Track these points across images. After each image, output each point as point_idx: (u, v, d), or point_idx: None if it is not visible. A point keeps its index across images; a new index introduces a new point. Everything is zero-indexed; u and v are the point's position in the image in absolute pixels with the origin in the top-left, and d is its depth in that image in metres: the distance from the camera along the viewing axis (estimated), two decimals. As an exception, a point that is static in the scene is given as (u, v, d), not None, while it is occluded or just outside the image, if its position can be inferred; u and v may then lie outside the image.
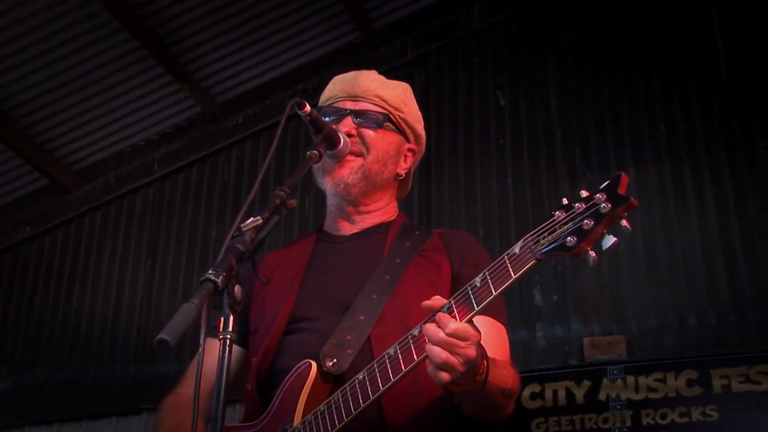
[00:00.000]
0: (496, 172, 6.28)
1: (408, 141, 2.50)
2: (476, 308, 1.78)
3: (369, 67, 2.60)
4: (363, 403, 1.88)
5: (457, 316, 1.78)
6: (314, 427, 1.95)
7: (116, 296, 7.09)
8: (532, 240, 1.76)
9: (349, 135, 2.32)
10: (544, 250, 1.74)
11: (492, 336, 2.11)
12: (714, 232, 5.55)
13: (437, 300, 1.83)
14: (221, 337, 1.64)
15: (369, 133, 2.37)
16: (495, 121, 6.42)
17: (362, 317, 2.13)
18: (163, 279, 6.96)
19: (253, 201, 1.83)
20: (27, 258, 7.59)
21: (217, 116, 7.22)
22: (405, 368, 1.83)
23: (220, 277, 1.63)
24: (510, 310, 2.14)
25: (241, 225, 1.81)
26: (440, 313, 1.79)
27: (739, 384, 5.11)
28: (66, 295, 7.29)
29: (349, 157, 2.33)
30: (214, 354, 2.32)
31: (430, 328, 1.76)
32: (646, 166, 5.91)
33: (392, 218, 2.45)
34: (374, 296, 2.17)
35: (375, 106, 2.41)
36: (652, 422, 5.19)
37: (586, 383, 5.45)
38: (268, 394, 2.14)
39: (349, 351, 2.07)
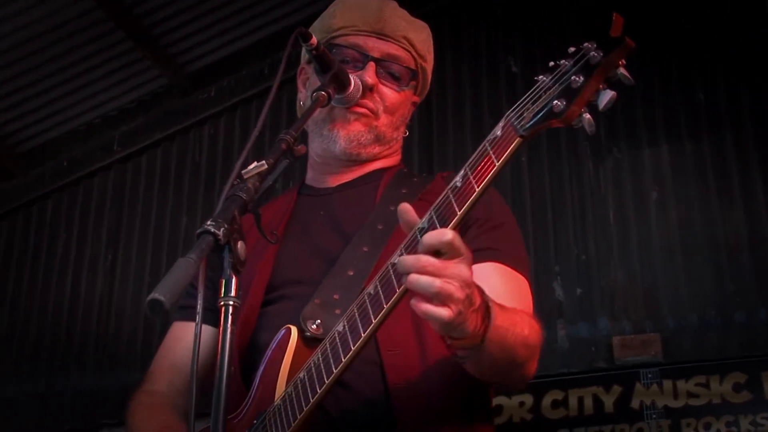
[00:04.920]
0: (509, 149, 6.16)
1: (415, 93, 2.41)
2: (459, 212, 1.62)
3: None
4: (345, 359, 1.74)
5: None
6: (296, 400, 1.82)
7: (71, 296, 6.93)
8: (515, 115, 1.64)
9: (369, 88, 2.21)
10: (528, 125, 1.61)
11: (508, 287, 2.01)
12: (762, 215, 5.46)
13: (411, 211, 1.67)
14: (222, 303, 1.51)
15: (390, 94, 2.29)
16: (506, 90, 6.31)
17: (351, 272, 2.03)
18: (126, 276, 6.80)
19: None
20: (-34, 254, 7.42)
21: (185, 89, 7.07)
22: (387, 305, 1.67)
23: (222, 230, 1.50)
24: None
25: (243, 171, 1.68)
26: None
27: (795, 388, 5.04)
28: (12, 297, 7.13)
29: (362, 109, 2.23)
30: (187, 340, 2.21)
31: (408, 257, 1.58)
32: (682, 142, 5.82)
33: (388, 165, 2.36)
34: (365, 248, 2.07)
35: (403, 52, 2.30)
36: (693, 433, 5.10)
37: (617, 389, 5.35)
38: (251, 375, 2.04)
39: (337, 311, 1.94)
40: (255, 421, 1.91)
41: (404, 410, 1.92)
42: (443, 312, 1.55)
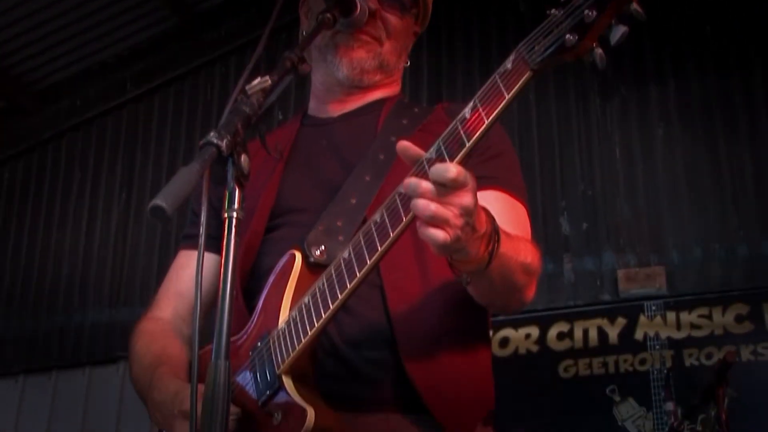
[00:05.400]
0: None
1: (416, 22, 2.36)
2: (468, 143, 1.60)
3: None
4: (350, 285, 1.73)
5: (447, 159, 1.61)
6: (300, 324, 1.81)
7: (87, 234, 6.98)
8: (526, 48, 1.59)
9: (371, 14, 2.17)
10: (540, 58, 1.57)
11: (507, 214, 1.98)
12: (766, 150, 5.41)
13: (411, 147, 1.64)
14: (227, 215, 1.49)
15: (393, 20, 2.23)
16: (514, 29, 6.23)
17: (354, 200, 2.01)
18: (140, 213, 6.83)
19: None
20: (-17, 192, 7.46)
21: (196, 28, 7.01)
22: (393, 233, 1.66)
23: (224, 141, 1.48)
24: (533, 239, 2.00)
25: (247, 87, 1.65)
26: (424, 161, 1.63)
27: (796, 319, 5.04)
28: (29, 234, 7.17)
29: (366, 37, 2.19)
30: (192, 268, 2.19)
31: (411, 179, 1.57)
32: (688, 78, 5.76)
33: (388, 95, 2.32)
34: (367, 178, 2.05)
35: None
36: (696, 363, 5.12)
37: (621, 321, 5.37)
38: (253, 300, 2.02)
39: (340, 237, 1.94)
40: (258, 344, 1.90)
41: (404, 332, 1.92)
42: (438, 234, 1.54)
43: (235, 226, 1.49)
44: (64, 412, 6.57)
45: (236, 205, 1.50)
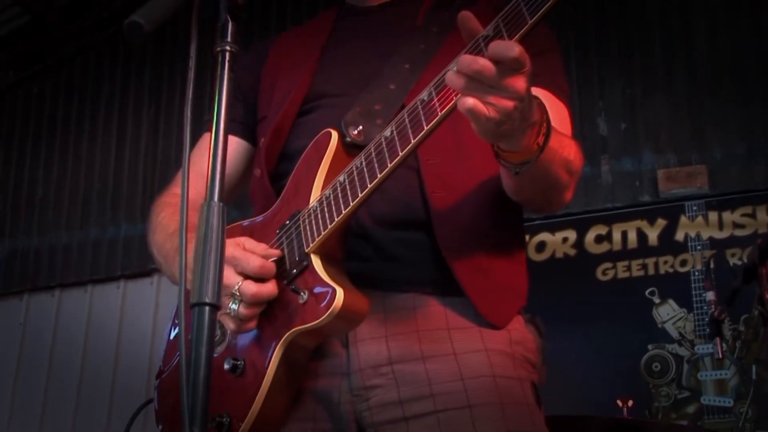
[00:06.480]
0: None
1: None
2: (530, 21, 1.47)
3: None
4: (391, 164, 1.65)
5: (506, 38, 1.48)
6: (333, 203, 1.74)
7: (117, 146, 6.93)
8: None
9: None
10: None
11: (550, 113, 1.87)
12: (815, 41, 5.18)
13: (473, 19, 1.51)
14: (219, 49, 1.37)
15: None
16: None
17: (392, 86, 1.94)
18: (169, 125, 6.76)
19: None
20: (12, 107, 7.42)
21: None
22: (441, 112, 1.56)
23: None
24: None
25: None
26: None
27: None
28: (60, 149, 7.15)
29: None
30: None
31: (467, 57, 1.46)
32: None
33: None
34: (407, 66, 1.97)
35: None
36: (738, 262, 4.95)
37: (661, 222, 5.21)
38: (281, 182, 1.96)
39: (378, 120, 1.87)
40: (287, 222, 1.84)
41: (441, 217, 1.85)
42: (486, 111, 1.45)
43: (228, 61, 1.39)
44: (100, 324, 6.59)
45: (229, 38, 1.39)
